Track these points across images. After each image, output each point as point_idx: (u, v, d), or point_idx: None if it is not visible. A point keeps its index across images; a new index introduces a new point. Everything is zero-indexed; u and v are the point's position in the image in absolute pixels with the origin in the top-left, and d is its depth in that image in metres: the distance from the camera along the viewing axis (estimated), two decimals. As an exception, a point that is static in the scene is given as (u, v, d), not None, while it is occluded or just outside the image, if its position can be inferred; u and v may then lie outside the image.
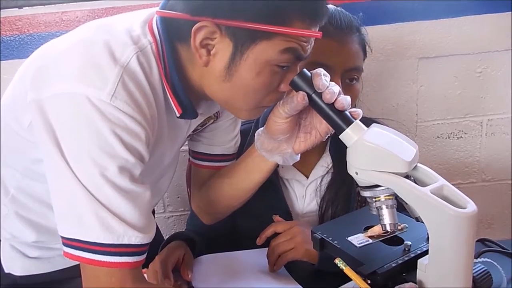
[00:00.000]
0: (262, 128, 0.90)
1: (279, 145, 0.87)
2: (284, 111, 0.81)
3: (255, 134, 0.91)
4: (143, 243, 0.71)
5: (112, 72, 0.68)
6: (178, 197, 1.62)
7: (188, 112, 0.81)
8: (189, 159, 1.07)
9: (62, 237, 0.71)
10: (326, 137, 0.87)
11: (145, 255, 0.73)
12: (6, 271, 0.95)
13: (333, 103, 0.74)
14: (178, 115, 0.80)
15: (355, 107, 1.08)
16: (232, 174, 0.98)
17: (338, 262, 0.71)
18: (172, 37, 0.76)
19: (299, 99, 0.77)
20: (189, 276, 0.98)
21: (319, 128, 0.86)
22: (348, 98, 0.76)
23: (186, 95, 0.78)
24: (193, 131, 0.96)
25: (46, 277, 0.94)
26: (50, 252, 0.93)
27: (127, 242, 0.69)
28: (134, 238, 0.69)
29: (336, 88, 0.76)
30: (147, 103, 0.72)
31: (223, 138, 1.01)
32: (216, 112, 0.96)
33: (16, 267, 0.94)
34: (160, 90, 0.76)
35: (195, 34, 0.71)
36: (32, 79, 0.72)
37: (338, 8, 1.03)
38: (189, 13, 0.71)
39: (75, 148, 0.68)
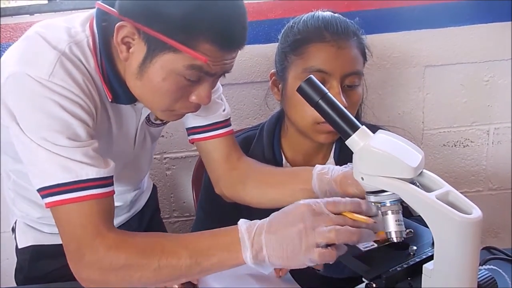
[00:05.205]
0: (332, 176, 0.87)
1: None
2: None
3: (314, 173, 0.89)
4: (103, 176, 0.78)
5: (49, 55, 0.77)
6: (184, 202, 1.63)
7: (121, 98, 0.88)
8: (189, 140, 1.07)
9: (38, 192, 0.77)
10: None
11: (111, 188, 0.79)
12: (20, 246, 1.09)
13: (339, 109, 0.74)
14: (110, 100, 0.87)
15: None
16: (278, 189, 0.98)
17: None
18: (105, 31, 0.83)
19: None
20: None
21: None
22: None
23: (119, 82, 0.85)
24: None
25: (55, 247, 1.03)
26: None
27: (85, 178, 0.76)
28: (91, 172, 0.76)
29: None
30: (86, 82, 0.80)
31: (204, 112, 1.02)
32: None
33: (30, 239, 1.08)
34: (97, 78, 0.84)
35: (117, 31, 0.78)
36: None
37: (335, 14, 1.03)
38: (118, 11, 0.79)
39: (24, 116, 0.77)
